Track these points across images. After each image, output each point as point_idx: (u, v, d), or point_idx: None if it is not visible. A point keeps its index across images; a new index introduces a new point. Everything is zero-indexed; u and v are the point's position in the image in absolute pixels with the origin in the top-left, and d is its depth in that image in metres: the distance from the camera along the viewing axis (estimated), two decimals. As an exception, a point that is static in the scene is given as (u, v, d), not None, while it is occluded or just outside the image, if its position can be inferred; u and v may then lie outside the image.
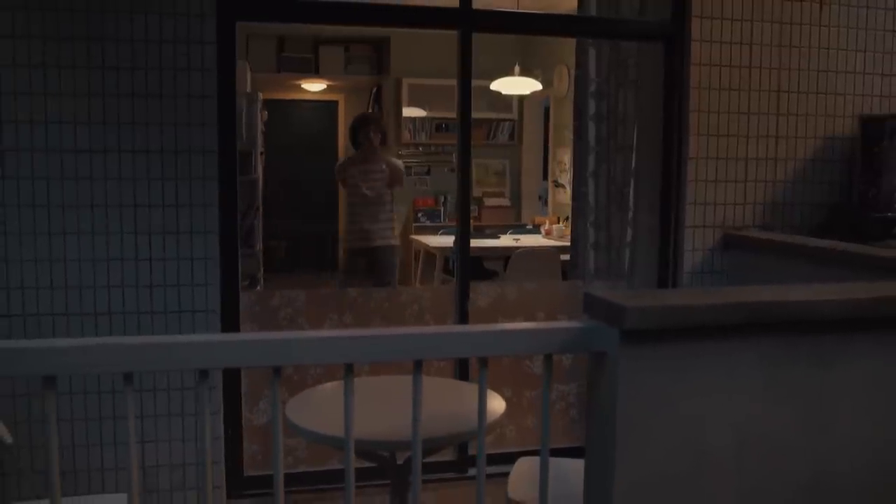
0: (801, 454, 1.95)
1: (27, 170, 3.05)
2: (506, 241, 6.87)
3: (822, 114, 3.85)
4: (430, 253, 6.88)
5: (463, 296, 3.54)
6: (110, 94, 3.09)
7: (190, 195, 3.18)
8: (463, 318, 3.53)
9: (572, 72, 7.85)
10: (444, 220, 9.18)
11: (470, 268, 3.63)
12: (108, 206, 3.13)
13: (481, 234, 7.55)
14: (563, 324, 1.84)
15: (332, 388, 2.66)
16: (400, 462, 2.49)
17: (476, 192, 9.56)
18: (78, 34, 3.04)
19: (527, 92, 7.45)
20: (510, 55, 7.59)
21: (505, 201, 9.43)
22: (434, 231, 8.31)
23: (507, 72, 7.08)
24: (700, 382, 1.87)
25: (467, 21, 3.41)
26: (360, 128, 5.72)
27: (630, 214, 4.03)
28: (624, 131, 4.01)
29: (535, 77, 7.65)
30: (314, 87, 9.79)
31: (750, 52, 3.72)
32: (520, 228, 8.01)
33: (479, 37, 3.46)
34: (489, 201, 9.32)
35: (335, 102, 10.37)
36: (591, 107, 4.00)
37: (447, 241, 6.91)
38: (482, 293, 3.80)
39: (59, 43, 3.03)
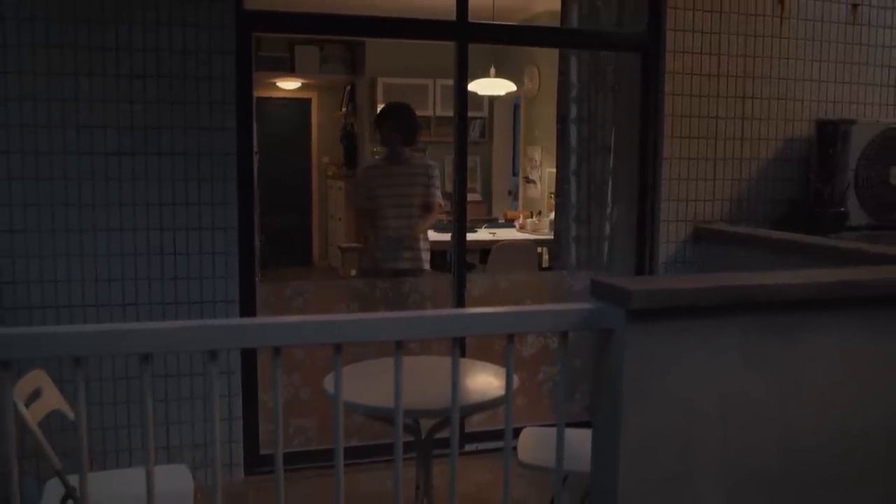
0: (775, 415, 2.30)
1: (60, 170, 3.27)
2: (482, 234, 7.18)
3: (782, 118, 4.24)
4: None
5: (460, 285, 3.85)
6: (137, 101, 3.32)
7: (211, 194, 3.43)
8: (460, 305, 3.83)
9: (542, 72, 8.22)
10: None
11: (465, 260, 3.94)
12: (135, 204, 3.36)
13: (445, 227, 7.87)
14: (576, 305, 2.15)
15: (362, 366, 2.93)
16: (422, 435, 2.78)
17: (448, 187, 9.87)
18: (108, 44, 3.26)
19: (502, 93, 7.76)
20: (484, 55, 7.89)
21: (476, 196, 9.73)
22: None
23: (482, 72, 7.37)
24: (690, 354, 2.21)
25: (464, 34, 3.71)
26: (380, 122, 4.59)
27: (608, 210, 4.38)
28: (603, 133, 4.35)
29: (522, 81, 7.99)
30: (289, 85, 9.99)
31: (718, 62, 4.08)
32: (492, 223, 8.32)
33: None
34: (461, 196, 9.63)
35: (308, 100, 10.57)
36: (573, 111, 4.33)
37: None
38: (476, 284, 4.11)
39: (90, 52, 3.25)
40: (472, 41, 3.73)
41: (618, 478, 2.14)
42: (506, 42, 5.28)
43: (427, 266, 4.57)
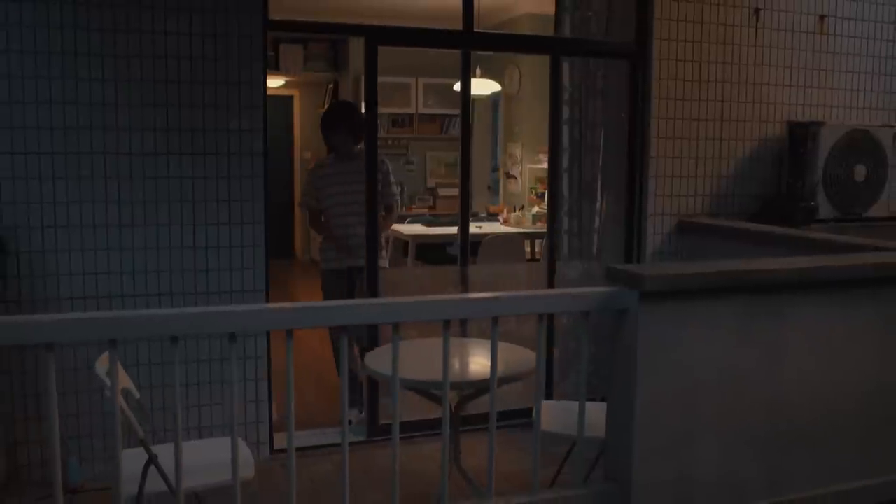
0: (763, 382, 2.66)
1: (100, 170, 3.51)
2: (469, 228, 7.47)
3: (757, 120, 4.61)
4: (400, 240, 7.45)
5: (551, 272, 4.37)
6: (172, 105, 3.57)
7: (241, 191, 3.69)
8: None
9: (523, 73, 8.56)
10: (402, 208, 9.72)
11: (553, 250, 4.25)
12: (170, 201, 3.61)
13: (438, 221, 8.19)
14: (597, 288, 2.48)
15: (408, 344, 3.21)
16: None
17: (430, 182, 10.18)
18: (145, 52, 3.50)
19: (488, 92, 8.07)
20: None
21: (457, 191, 10.04)
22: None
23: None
24: (693, 330, 2.55)
25: (469, 42, 4.02)
26: (333, 122, 4.51)
27: (597, 205, 4.71)
28: (592, 134, 4.68)
29: (503, 81, 8.35)
30: (273, 82, 10.19)
31: (699, 69, 4.44)
32: (475, 216, 8.62)
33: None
34: (443, 191, 9.93)
35: (290, 97, 10.78)
36: (565, 113, 4.64)
37: (415, 229, 7.50)
38: (486, 273, 4.45)
39: (129, 60, 3.49)
40: (476, 49, 4.04)
41: (633, 436, 2.48)
42: (507, 50, 5.61)
43: (387, 263, 4.53)
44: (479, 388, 2.84)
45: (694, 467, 2.59)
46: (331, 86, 10.09)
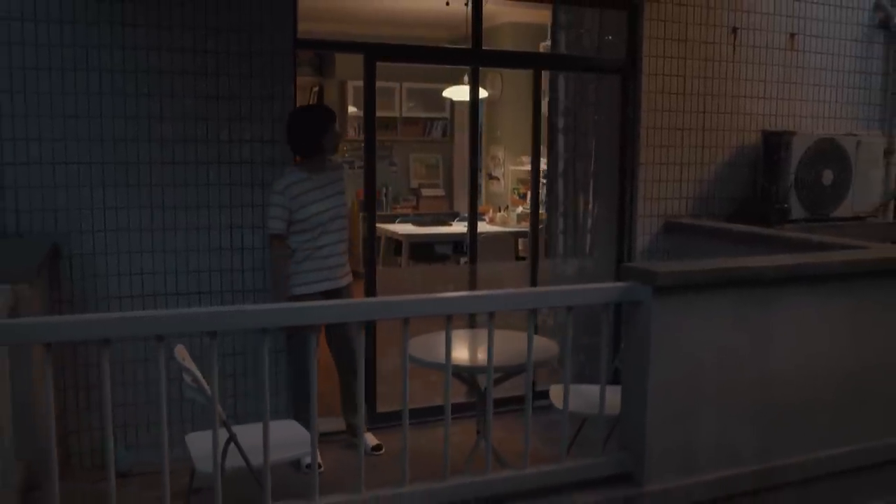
0: (755, 362, 3.06)
1: (146, 178, 3.80)
2: (457, 227, 7.85)
3: (735, 129, 5.06)
4: (393, 240, 7.80)
5: (534, 270, 4.74)
6: (212, 118, 3.87)
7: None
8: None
9: (505, 79, 8.95)
10: (386, 209, 10.05)
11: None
12: (209, 206, 3.91)
13: (423, 220, 8.57)
14: (614, 284, 2.87)
15: (424, 338, 3.57)
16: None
17: (413, 183, 10.52)
18: (187, 69, 3.80)
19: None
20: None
21: (440, 191, 10.41)
22: (383, 220, 9.16)
23: (457, 80, 8.00)
24: (696, 319, 2.94)
25: (478, 59, 4.39)
26: (332, 123, 3.93)
27: (590, 207, 5.12)
28: (585, 141, 5.08)
29: (486, 87, 8.72)
30: (259, 85, 10.40)
31: (684, 83, 4.87)
32: (460, 216, 8.98)
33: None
34: (426, 192, 10.28)
35: (274, 99, 11.01)
36: (561, 122, 5.04)
37: (407, 228, 7.85)
38: (490, 270, 4.83)
39: (172, 76, 3.79)
40: (484, 66, 4.41)
41: (645, 411, 2.87)
42: (511, 66, 5.98)
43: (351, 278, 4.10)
44: (508, 372, 3.21)
45: (696, 437, 2.98)
46: (315, 89, 10.37)
